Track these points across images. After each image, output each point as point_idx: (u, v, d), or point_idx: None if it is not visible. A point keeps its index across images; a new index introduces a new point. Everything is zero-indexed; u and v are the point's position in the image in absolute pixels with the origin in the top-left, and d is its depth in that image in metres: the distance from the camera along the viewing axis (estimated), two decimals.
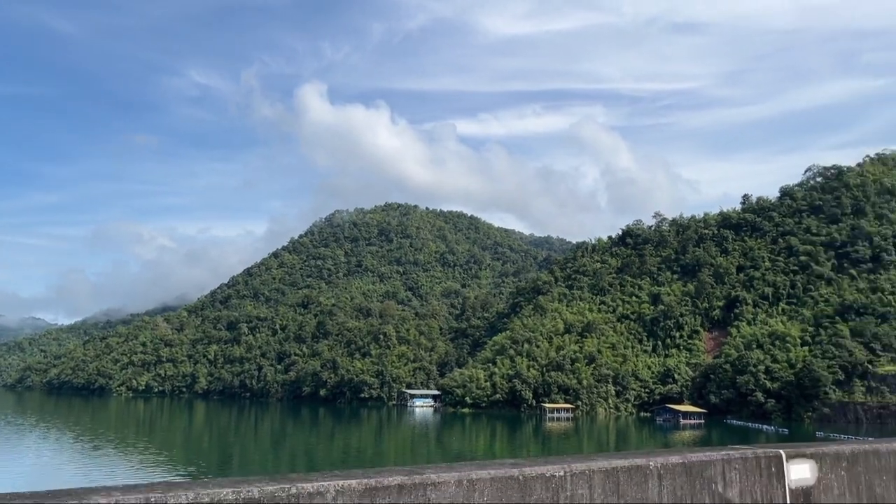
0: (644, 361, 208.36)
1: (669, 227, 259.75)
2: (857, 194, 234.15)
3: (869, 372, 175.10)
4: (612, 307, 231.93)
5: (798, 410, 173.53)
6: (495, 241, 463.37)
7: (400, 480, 4.20)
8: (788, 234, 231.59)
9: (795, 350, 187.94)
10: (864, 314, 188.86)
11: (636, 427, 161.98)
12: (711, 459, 6.23)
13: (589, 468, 5.41)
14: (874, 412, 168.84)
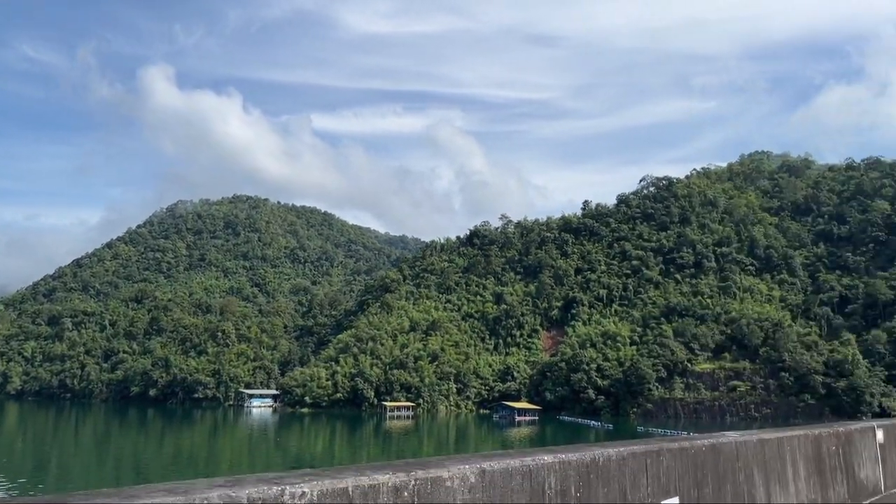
0: (486, 359, 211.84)
1: (515, 230, 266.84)
2: (684, 204, 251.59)
3: (688, 370, 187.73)
4: (457, 306, 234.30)
5: (625, 406, 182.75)
6: (349, 239, 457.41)
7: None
8: (623, 239, 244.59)
9: (625, 349, 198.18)
10: (685, 316, 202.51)
11: (476, 424, 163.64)
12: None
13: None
14: (691, 408, 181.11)
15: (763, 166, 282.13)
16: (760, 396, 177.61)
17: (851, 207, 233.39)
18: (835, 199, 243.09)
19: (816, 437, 9.67)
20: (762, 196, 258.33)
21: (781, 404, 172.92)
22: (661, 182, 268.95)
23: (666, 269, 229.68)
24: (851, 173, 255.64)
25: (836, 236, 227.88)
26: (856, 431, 11.20)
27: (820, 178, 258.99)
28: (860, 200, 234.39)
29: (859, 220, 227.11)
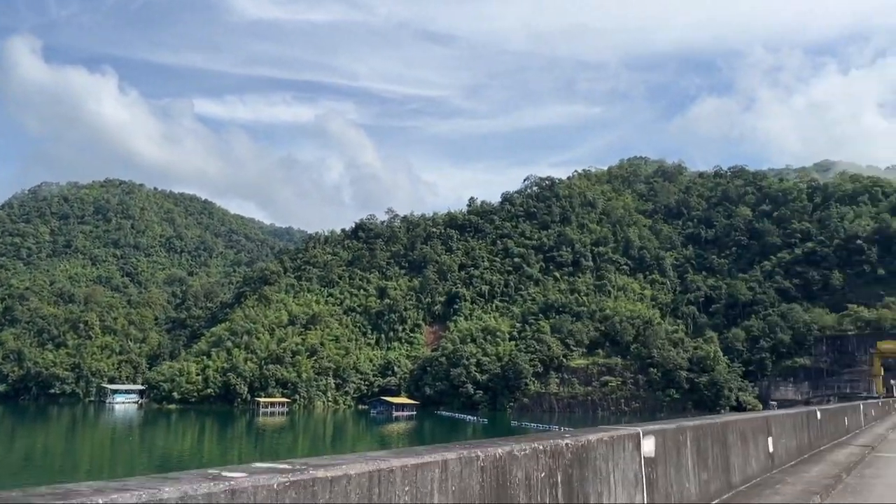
0: (367, 354, 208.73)
1: (401, 224, 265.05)
2: (565, 205, 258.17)
3: (563, 365, 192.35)
4: (339, 300, 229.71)
5: (502, 401, 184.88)
6: (230, 229, 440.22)
7: None
8: (506, 236, 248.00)
9: (504, 344, 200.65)
10: (562, 312, 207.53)
11: (354, 420, 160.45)
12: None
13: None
14: (565, 402, 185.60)
15: (640, 171, 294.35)
16: (630, 391, 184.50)
17: (718, 213, 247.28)
18: (703, 204, 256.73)
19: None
20: (638, 199, 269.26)
21: (649, 399, 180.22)
22: (544, 182, 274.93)
23: (546, 266, 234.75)
24: (719, 180, 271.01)
25: (703, 239, 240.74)
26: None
27: (691, 184, 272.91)
28: (726, 206, 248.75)
29: (724, 224, 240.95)
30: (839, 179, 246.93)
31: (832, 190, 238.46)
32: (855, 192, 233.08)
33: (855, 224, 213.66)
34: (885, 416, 44.40)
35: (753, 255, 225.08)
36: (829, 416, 22.17)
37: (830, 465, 15.72)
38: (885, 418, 42.52)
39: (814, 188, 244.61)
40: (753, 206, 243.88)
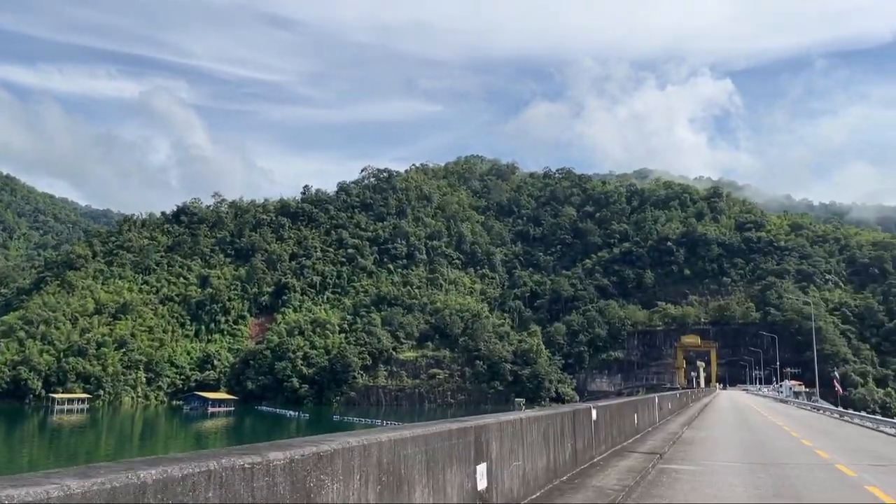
0: (184, 347, 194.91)
1: (228, 209, 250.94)
2: (401, 197, 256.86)
3: (393, 358, 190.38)
4: (156, 288, 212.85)
5: (329, 395, 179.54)
6: (36, 208, 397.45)
7: None
8: (341, 227, 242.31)
9: (333, 337, 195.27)
10: (394, 305, 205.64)
11: (167, 417, 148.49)
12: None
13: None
14: (393, 395, 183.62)
15: (475, 168, 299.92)
16: (457, 383, 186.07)
17: (546, 212, 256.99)
18: (533, 203, 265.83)
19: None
20: (472, 195, 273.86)
21: (475, 391, 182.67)
22: (382, 174, 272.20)
23: (380, 258, 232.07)
24: (548, 181, 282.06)
25: (531, 237, 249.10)
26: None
27: (522, 184, 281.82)
28: (553, 206, 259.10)
29: (551, 223, 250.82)
30: (654, 185, 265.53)
31: (648, 195, 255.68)
32: (668, 197, 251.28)
33: (666, 227, 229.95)
34: (683, 409, 43.16)
35: (577, 254, 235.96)
36: (611, 413, 17.69)
37: (593, 494, 10.63)
38: (682, 411, 41.19)
39: (632, 192, 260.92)
40: (578, 206, 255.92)
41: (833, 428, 32.32)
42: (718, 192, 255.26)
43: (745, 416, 41.88)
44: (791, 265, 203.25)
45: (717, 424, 32.11)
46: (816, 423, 35.73)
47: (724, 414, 43.43)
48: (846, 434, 28.51)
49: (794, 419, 39.22)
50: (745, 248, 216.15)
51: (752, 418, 38.49)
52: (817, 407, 55.05)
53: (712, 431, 27.15)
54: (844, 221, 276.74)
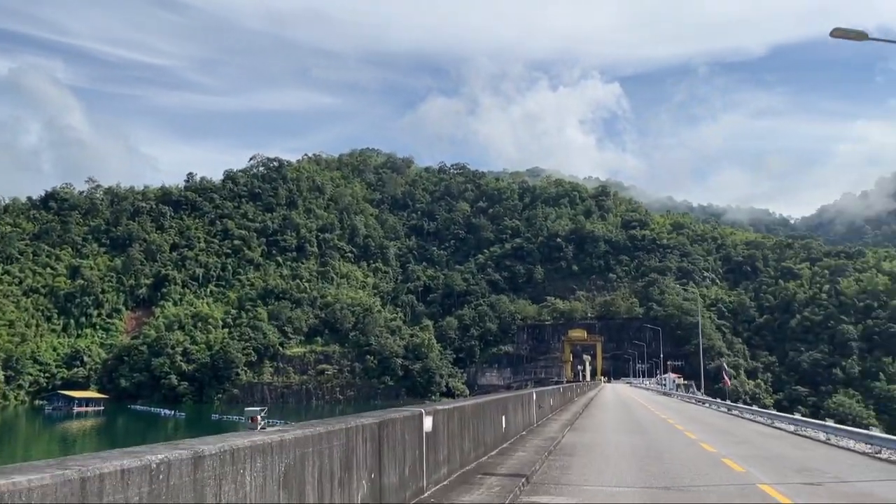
0: (50, 342, 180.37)
1: (104, 196, 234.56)
2: (292, 188, 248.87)
3: (279, 354, 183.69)
4: (18, 278, 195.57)
5: (210, 393, 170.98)
6: None
7: None
8: (227, 216, 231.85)
9: (216, 332, 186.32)
10: (282, 299, 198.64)
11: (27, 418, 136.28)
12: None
13: None
14: (279, 391, 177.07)
15: (370, 161, 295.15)
16: (346, 379, 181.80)
17: (440, 206, 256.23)
18: (428, 197, 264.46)
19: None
20: (367, 188, 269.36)
21: (364, 386, 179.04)
22: (272, 163, 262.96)
23: (268, 250, 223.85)
24: (443, 176, 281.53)
25: (425, 231, 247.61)
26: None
27: (417, 178, 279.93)
28: (447, 201, 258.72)
29: (445, 218, 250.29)
30: (546, 183, 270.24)
31: (540, 192, 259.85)
32: (558, 195, 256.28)
33: (557, 224, 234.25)
34: (567, 405, 39.65)
35: (470, 249, 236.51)
36: (461, 419, 13.01)
37: None
38: (566, 407, 38.01)
39: (525, 189, 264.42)
40: (472, 202, 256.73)
41: (729, 426, 29.93)
42: (606, 191, 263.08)
43: (632, 411, 39.55)
44: (673, 262, 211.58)
45: (604, 424, 28.63)
46: (709, 420, 33.91)
47: (610, 410, 40.33)
48: (746, 434, 25.49)
49: (684, 415, 36.93)
50: (630, 246, 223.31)
51: (640, 414, 36.33)
52: (702, 400, 54.67)
53: (598, 434, 23.46)
54: (721, 222, 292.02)
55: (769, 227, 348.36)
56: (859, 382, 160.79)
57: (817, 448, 21.15)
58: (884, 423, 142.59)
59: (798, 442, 23.11)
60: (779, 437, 24.75)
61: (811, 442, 23.04)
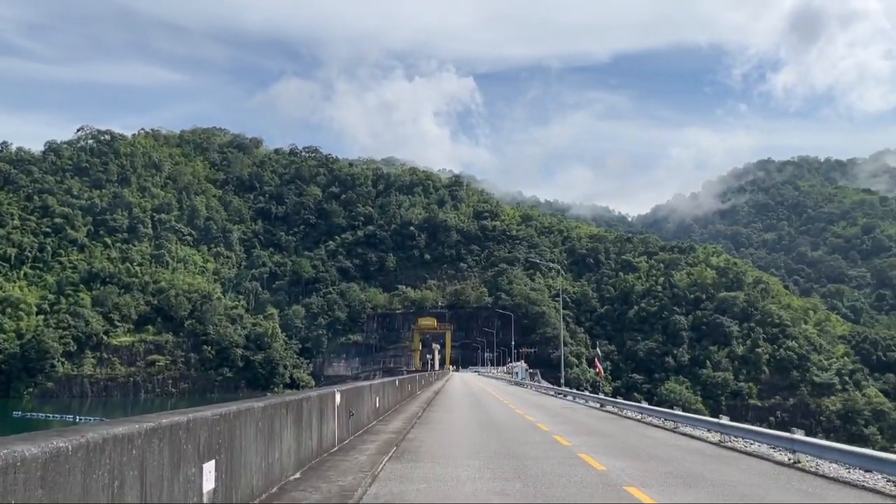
0: None
1: None
2: (125, 163, 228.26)
3: (103, 343, 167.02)
4: None
5: (18, 387, 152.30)
6: None
7: None
8: (47, 192, 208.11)
9: (29, 319, 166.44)
10: (109, 283, 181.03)
11: None
12: None
13: None
14: (101, 384, 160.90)
15: (215, 139, 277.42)
16: (180, 371, 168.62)
17: (290, 190, 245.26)
18: (277, 180, 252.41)
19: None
20: (210, 167, 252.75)
21: (200, 378, 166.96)
22: (103, 136, 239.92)
23: (95, 230, 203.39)
24: (294, 158, 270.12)
25: (273, 215, 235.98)
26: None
27: (266, 159, 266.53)
28: (298, 184, 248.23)
29: (295, 202, 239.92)
30: (400, 171, 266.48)
31: (394, 180, 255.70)
32: (412, 183, 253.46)
33: (410, 212, 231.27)
34: (404, 404, 30.45)
35: (320, 235, 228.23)
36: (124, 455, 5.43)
37: None
38: (402, 408, 28.09)
39: (379, 176, 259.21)
40: (324, 186, 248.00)
41: (625, 434, 20.24)
42: (460, 181, 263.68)
43: (487, 409, 30.38)
44: (521, 253, 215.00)
45: (451, 437, 18.38)
46: (589, 422, 24.39)
47: (458, 409, 30.17)
48: (669, 454, 15.59)
49: (555, 415, 27.47)
50: (481, 236, 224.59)
51: (499, 415, 26.92)
52: (562, 392, 47.00)
53: (439, 466, 12.99)
54: (566, 217, 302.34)
55: (609, 223, 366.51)
56: (689, 370, 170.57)
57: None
58: (709, 408, 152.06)
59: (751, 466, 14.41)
60: (717, 456, 15.69)
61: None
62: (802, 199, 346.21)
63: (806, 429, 16.05)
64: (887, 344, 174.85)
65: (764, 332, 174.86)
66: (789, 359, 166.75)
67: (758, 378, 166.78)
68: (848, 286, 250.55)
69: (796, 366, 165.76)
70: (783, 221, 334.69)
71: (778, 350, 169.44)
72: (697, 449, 17.03)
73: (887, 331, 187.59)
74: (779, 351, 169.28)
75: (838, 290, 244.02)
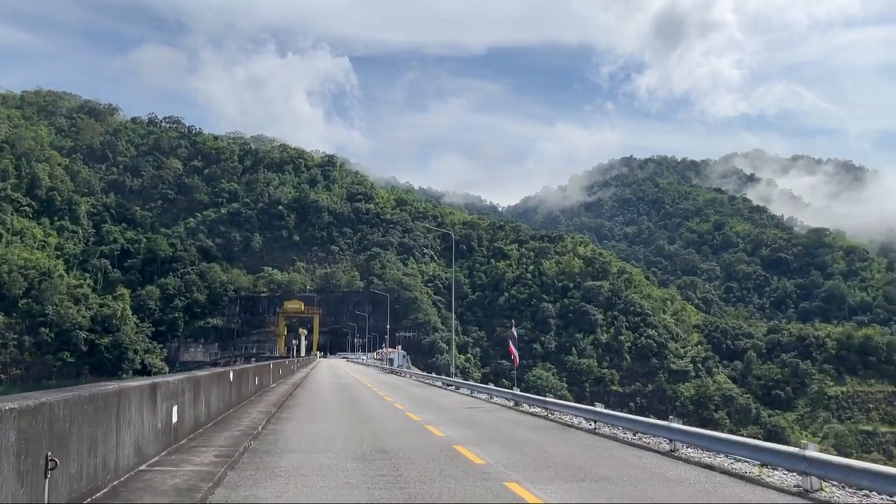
0: None
1: None
2: None
3: None
4: None
5: None
6: None
7: None
8: None
9: None
10: None
11: None
12: None
13: None
14: None
15: (63, 103, 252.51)
16: (12, 355, 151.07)
17: (147, 162, 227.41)
18: (133, 150, 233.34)
19: None
20: (56, 133, 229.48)
21: (36, 364, 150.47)
22: None
23: None
24: (153, 129, 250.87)
25: (128, 188, 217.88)
26: None
27: (121, 128, 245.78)
28: (157, 156, 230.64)
29: (153, 175, 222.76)
30: (270, 147, 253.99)
31: (262, 156, 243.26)
32: (283, 160, 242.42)
33: (279, 191, 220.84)
34: (247, 405, 22.69)
35: (180, 211, 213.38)
36: None
37: None
38: (237, 415, 19.35)
39: (246, 152, 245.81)
40: (186, 160, 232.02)
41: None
42: (333, 160, 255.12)
43: (369, 416, 21.57)
44: (395, 237, 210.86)
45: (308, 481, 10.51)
46: (529, 438, 16.51)
47: (324, 417, 21.17)
48: None
49: (480, 428, 18.71)
50: (354, 219, 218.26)
51: (391, 429, 17.99)
52: (452, 384, 38.90)
53: None
54: (440, 204, 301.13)
55: (481, 212, 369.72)
56: (555, 357, 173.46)
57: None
58: (573, 394, 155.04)
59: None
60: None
61: None
62: (661, 195, 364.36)
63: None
64: (735, 333, 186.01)
65: (627, 320, 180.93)
66: (649, 346, 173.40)
67: (620, 365, 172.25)
68: (700, 278, 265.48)
69: (655, 353, 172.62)
70: (643, 216, 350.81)
71: (639, 338, 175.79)
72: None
73: (735, 321, 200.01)
74: (640, 339, 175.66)
75: (692, 282, 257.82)
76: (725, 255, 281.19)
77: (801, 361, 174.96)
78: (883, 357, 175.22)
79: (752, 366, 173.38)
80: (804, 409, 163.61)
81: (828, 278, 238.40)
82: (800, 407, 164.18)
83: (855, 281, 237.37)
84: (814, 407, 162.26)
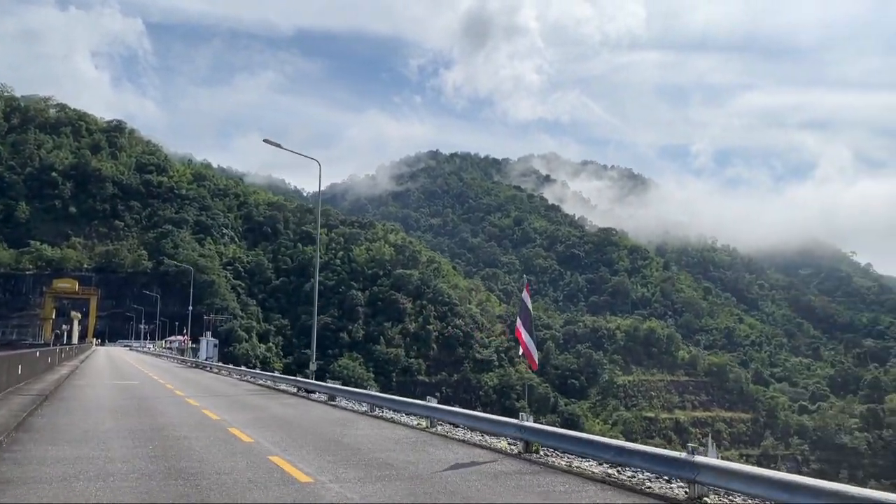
0: None
1: None
2: None
3: None
4: None
5: None
6: None
7: None
8: None
9: None
10: None
11: None
12: None
13: None
14: None
15: None
16: None
17: None
18: None
19: None
20: None
21: None
22: None
23: None
24: None
25: None
26: None
27: None
28: None
29: None
30: (42, 104, 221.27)
31: (34, 115, 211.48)
32: (59, 121, 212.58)
33: (53, 155, 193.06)
34: None
35: None
36: None
37: None
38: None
39: (13, 108, 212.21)
40: None
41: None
42: (122, 126, 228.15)
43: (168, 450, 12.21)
44: (191, 215, 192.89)
45: None
46: None
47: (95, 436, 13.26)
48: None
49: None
50: (143, 192, 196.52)
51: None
52: (273, 379, 32.81)
53: None
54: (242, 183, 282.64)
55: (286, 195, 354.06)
56: (363, 346, 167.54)
57: None
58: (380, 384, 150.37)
59: None
60: None
61: None
62: (465, 190, 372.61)
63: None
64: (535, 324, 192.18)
65: (435, 309, 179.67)
66: (456, 336, 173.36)
67: (427, 354, 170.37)
68: (501, 271, 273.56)
69: (462, 343, 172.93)
70: (448, 209, 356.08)
71: (446, 328, 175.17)
72: None
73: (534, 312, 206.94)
74: (447, 328, 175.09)
75: (494, 273, 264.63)
76: (524, 249, 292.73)
77: (594, 352, 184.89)
78: (663, 348, 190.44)
79: (551, 356, 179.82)
80: (596, 397, 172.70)
81: (614, 275, 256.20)
82: (592, 395, 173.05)
83: (637, 278, 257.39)
84: (605, 395, 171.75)
